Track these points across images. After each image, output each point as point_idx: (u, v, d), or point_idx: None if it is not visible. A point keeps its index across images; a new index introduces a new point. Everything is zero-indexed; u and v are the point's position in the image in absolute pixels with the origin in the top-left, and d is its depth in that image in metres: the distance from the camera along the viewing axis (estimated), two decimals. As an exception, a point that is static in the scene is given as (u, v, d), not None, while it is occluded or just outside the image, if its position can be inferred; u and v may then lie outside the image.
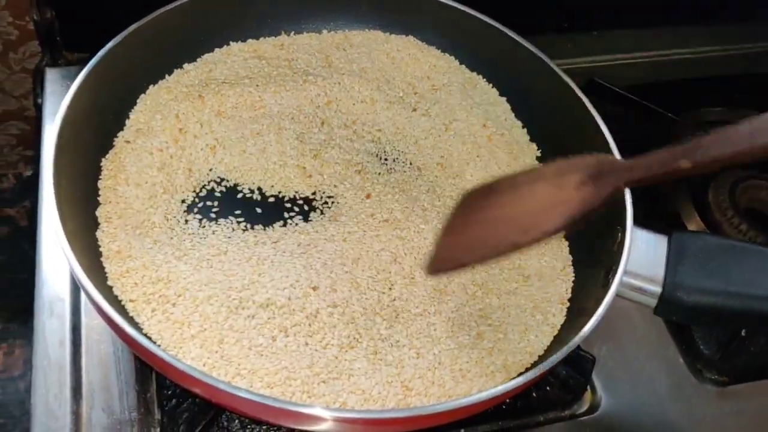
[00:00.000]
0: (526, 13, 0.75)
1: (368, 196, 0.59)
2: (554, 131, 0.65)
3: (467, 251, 0.48)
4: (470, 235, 0.49)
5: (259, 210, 0.58)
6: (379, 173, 0.61)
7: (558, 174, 0.48)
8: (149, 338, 0.48)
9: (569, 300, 0.56)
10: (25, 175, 1.02)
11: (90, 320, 0.57)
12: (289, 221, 0.57)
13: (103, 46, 0.59)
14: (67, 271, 0.60)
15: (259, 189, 0.59)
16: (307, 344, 0.50)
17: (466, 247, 0.48)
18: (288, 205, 0.59)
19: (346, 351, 0.51)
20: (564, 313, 0.55)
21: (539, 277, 0.57)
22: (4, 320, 0.91)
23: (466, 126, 0.66)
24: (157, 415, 0.54)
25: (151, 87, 0.63)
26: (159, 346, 0.48)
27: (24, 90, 0.91)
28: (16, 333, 0.90)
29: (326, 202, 0.59)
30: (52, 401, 0.53)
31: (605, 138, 0.59)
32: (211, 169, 0.59)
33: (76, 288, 0.59)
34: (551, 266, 0.58)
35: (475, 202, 0.50)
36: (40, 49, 0.82)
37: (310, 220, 0.58)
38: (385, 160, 0.63)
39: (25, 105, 0.93)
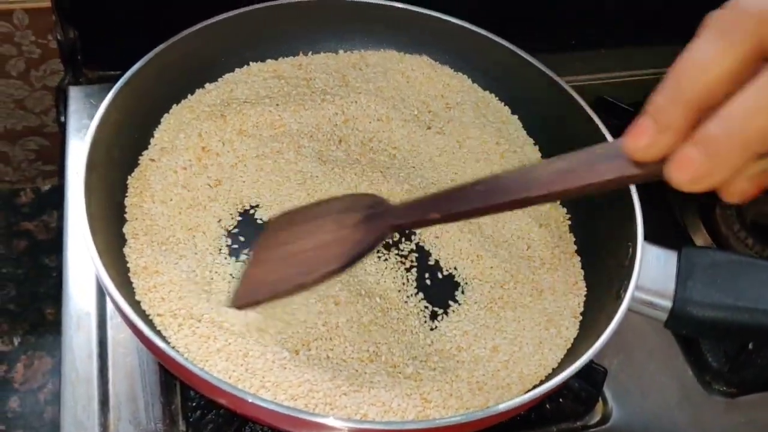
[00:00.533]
0: (535, 32, 0.77)
1: None
2: (564, 148, 0.66)
3: (262, 286, 0.48)
4: (267, 269, 0.49)
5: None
6: (395, 190, 0.63)
7: (342, 210, 0.49)
8: (177, 351, 0.49)
9: (581, 314, 0.58)
10: (43, 189, 1.04)
11: (116, 334, 0.59)
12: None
13: (123, 64, 0.61)
14: (93, 285, 0.61)
15: (280, 205, 0.61)
16: (328, 357, 0.52)
17: (262, 282, 0.49)
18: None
19: (366, 364, 0.52)
20: (577, 326, 0.57)
21: (552, 291, 0.59)
22: (23, 333, 0.92)
23: (480, 144, 0.67)
24: (182, 427, 0.55)
25: (174, 106, 0.65)
26: (186, 359, 0.50)
27: (44, 107, 0.92)
28: (35, 345, 0.91)
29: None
30: (80, 413, 0.55)
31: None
32: (233, 187, 0.61)
33: (102, 302, 0.60)
34: (564, 281, 0.59)
35: (276, 233, 0.51)
36: (62, 68, 0.84)
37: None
38: (401, 176, 0.65)
39: (44, 121, 0.94)
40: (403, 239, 0.62)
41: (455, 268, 0.60)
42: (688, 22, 0.97)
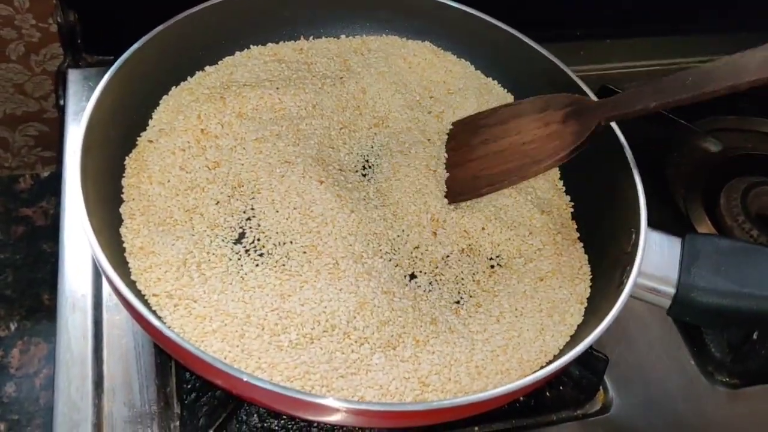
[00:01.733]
0: (540, 21, 0.76)
1: None
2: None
3: (482, 181, 0.56)
4: (478, 165, 0.56)
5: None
6: (401, 171, 0.62)
7: (538, 110, 0.55)
8: (173, 331, 0.48)
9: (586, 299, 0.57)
10: (42, 175, 1.04)
11: (111, 316, 0.58)
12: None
13: (122, 48, 0.60)
14: (89, 267, 0.61)
15: (279, 189, 0.60)
16: (325, 339, 0.51)
17: (479, 177, 0.56)
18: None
19: (363, 345, 0.51)
20: (582, 313, 0.56)
21: (557, 278, 0.58)
22: (20, 318, 0.92)
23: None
24: (177, 409, 0.55)
25: (173, 88, 0.64)
26: (182, 339, 0.49)
27: (44, 92, 0.92)
28: (32, 331, 0.91)
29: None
30: (74, 394, 0.54)
31: (620, 141, 0.60)
32: (231, 169, 0.60)
33: (98, 284, 0.60)
34: (569, 266, 0.59)
35: (468, 137, 0.58)
36: (62, 52, 0.83)
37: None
38: (404, 157, 0.64)
39: (44, 107, 0.94)
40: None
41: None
42: (691, 15, 0.97)
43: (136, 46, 0.60)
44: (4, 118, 0.94)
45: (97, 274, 0.60)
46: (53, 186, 1.02)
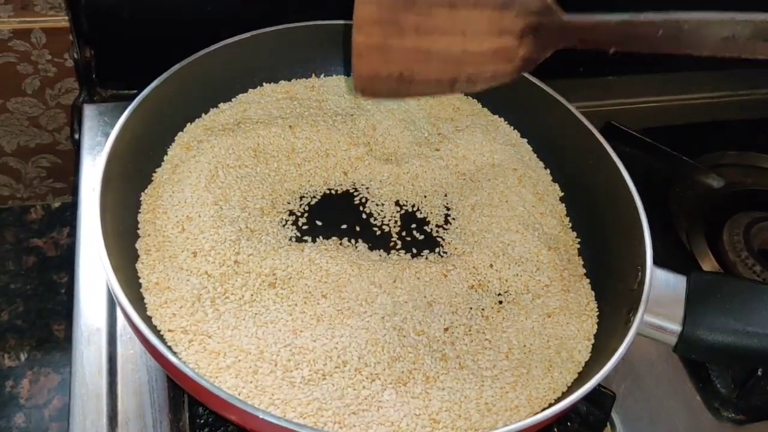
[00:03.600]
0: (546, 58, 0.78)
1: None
2: (574, 173, 0.68)
3: (403, 81, 0.44)
4: (405, 63, 0.44)
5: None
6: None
7: (499, 5, 0.44)
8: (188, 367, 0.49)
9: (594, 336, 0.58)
10: (53, 206, 1.05)
11: (126, 350, 0.59)
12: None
13: (136, 84, 0.62)
14: (104, 301, 0.62)
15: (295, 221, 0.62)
16: (337, 375, 0.52)
17: (400, 74, 0.44)
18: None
19: (374, 383, 0.52)
20: (589, 350, 0.57)
21: (564, 314, 0.59)
22: (30, 349, 0.92)
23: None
24: (190, 443, 0.55)
25: (188, 125, 0.66)
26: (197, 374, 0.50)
27: (57, 124, 0.94)
28: (41, 362, 0.91)
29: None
30: (89, 428, 0.55)
31: (623, 177, 0.61)
32: (246, 206, 0.61)
33: (112, 318, 0.61)
34: (576, 302, 0.60)
35: (399, 12, 0.43)
36: (77, 86, 0.85)
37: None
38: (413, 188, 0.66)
39: (57, 139, 0.95)
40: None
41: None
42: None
43: (156, 82, 0.62)
44: (17, 150, 0.95)
45: (112, 307, 0.61)
46: (64, 217, 1.04)
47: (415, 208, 0.66)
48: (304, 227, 0.62)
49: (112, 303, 0.61)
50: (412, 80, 0.45)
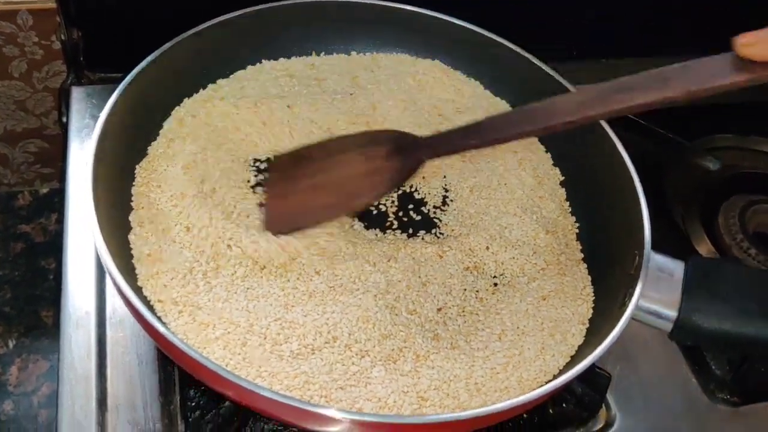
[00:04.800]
0: (551, 41, 0.77)
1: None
2: (574, 154, 0.67)
3: (301, 215, 0.55)
4: (299, 199, 0.56)
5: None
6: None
7: (363, 145, 0.56)
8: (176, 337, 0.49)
9: (588, 320, 0.57)
10: (41, 192, 1.03)
11: (115, 333, 0.58)
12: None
13: (125, 66, 0.60)
14: (92, 285, 0.60)
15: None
16: (326, 349, 0.51)
17: (299, 211, 0.56)
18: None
19: (364, 359, 0.52)
20: (583, 333, 0.56)
21: (559, 297, 0.58)
22: (18, 335, 0.91)
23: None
24: (181, 427, 0.54)
25: (185, 100, 0.65)
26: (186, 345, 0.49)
27: (45, 108, 0.92)
28: (30, 348, 0.90)
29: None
30: (78, 412, 0.54)
31: (623, 160, 0.60)
32: (241, 180, 0.61)
33: (101, 301, 0.59)
34: (572, 286, 0.59)
35: (292, 170, 0.57)
36: (64, 69, 0.84)
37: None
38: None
39: (45, 123, 0.94)
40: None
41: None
42: (691, 34, 0.98)
43: (151, 56, 0.61)
44: (4, 135, 0.94)
45: (101, 290, 0.60)
46: (52, 203, 1.02)
47: (413, 189, 0.65)
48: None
49: (101, 286, 0.60)
50: (303, 211, 0.56)
